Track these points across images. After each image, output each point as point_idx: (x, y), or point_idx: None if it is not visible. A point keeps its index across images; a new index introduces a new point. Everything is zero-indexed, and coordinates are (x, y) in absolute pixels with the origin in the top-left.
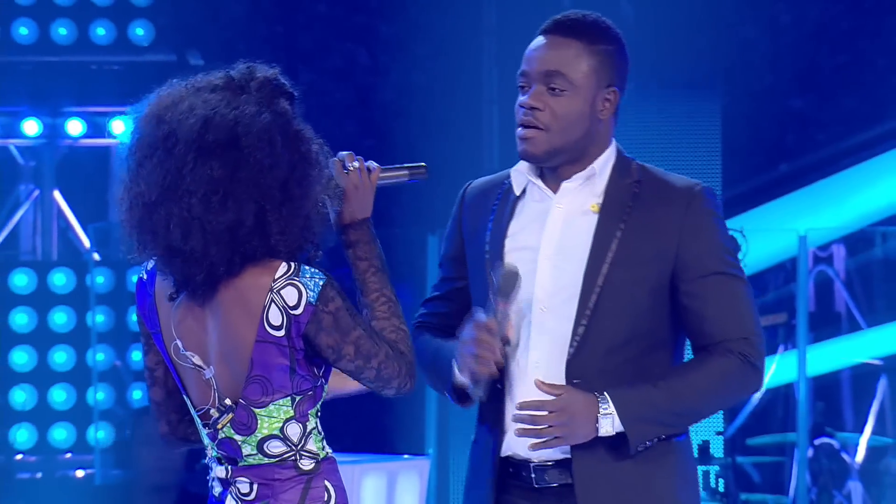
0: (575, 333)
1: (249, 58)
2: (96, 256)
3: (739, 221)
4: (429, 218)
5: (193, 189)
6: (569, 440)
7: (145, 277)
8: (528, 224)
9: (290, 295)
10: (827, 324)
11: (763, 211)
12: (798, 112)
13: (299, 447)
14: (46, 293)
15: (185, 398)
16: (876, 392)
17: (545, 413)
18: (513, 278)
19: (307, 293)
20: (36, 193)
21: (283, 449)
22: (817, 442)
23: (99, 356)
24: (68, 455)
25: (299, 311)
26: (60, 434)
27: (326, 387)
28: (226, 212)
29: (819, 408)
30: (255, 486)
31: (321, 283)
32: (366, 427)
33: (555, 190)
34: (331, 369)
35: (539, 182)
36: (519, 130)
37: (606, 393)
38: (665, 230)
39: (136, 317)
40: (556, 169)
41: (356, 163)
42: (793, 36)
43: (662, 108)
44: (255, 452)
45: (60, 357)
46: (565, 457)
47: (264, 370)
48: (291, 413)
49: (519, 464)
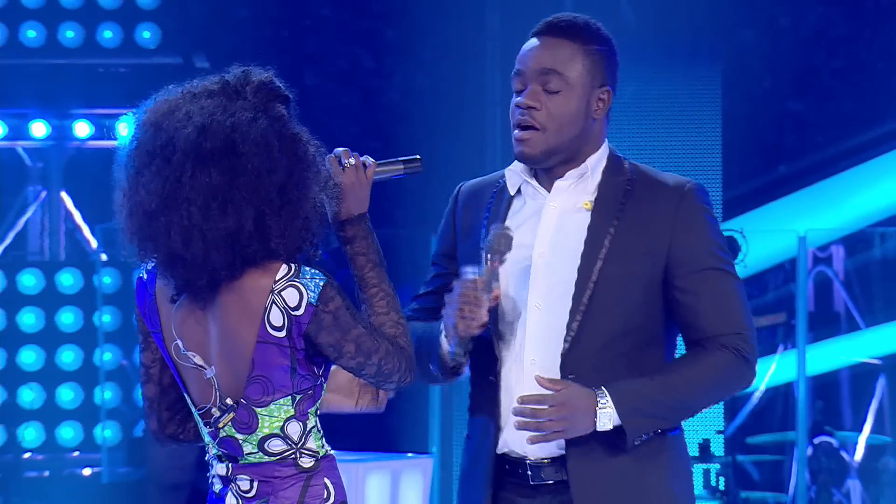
0: (569, 329)
1: (255, 61)
2: (103, 257)
3: (740, 222)
4: (432, 219)
5: (193, 197)
6: (567, 434)
7: (145, 277)
8: (523, 222)
9: (291, 296)
10: (826, 323)
11: (763, 212)
12: (797, 114)
13: (299, 445)
14: (54, 293)
15: (186, 397)
16: (874, 391)
17: (545, 407)
18: (506, 239)
19: (308, 294)
20: (44, 194)
21: (284, 447)
22: (816, 440)
23: (106, 356)
24: (75, 453)
25: (300, 312)
26: (68, 433)
27: (325, 392)
28: (226, 218)
29: (818, 407)
30: (256, 484)
31: (321, 284)
32: (370, 426)
33: (548, 189)
34: (330, 368)
35: (533, 181)
36: (515, 132)
37: (604, 387)
38: (658, 226)
39: (136, 314)
40: (551, 168)
41: (352, 159)
42: (792, 39)
43: (663, 110)
44: (256, 451)
45: (68, 356)
46: (561, 454)
47: (265, 370)
48: (292, 412)
49: (515, 461)
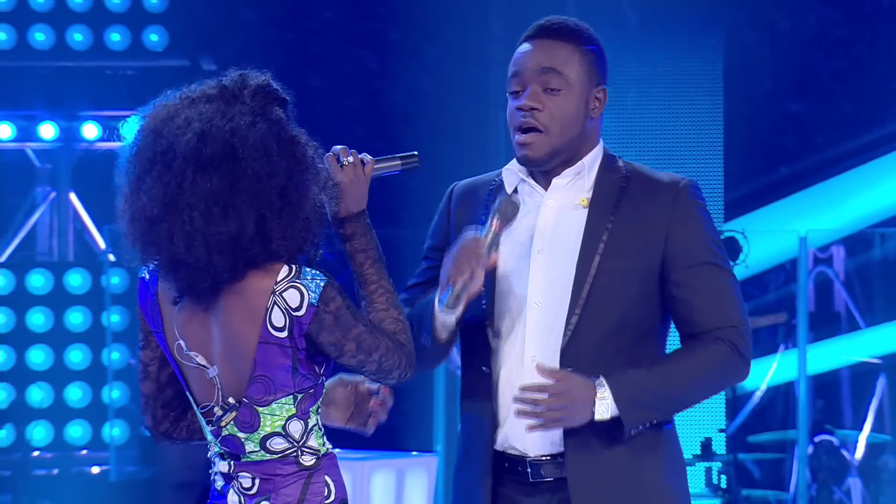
0: (568, 323)
1: (261, 63)
2: (111, 257)
3: (741, 223)
4: None
5: (194, 203)
6: (565, 423)
7: (147, 277)
8: (521, 219)
9: (293, 297)
10: (826, 323)
11: (764, 213)
12: (798, 116)
13: (301, 444)
14: (62, 293)
15: (189, 395)
16: (875, 390)
17: (546, 397)
18: (513, 206)
19: (309, 295)
20: (52, 196)
21: (285, 445)
22: (817, 439)
23: (114, 355)
24: (84, 452)
25: (301, 313)
26: (76, 431)
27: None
28: (227, 223)
29: (819, 406)
30: (257, 481)
31: (322, 285)
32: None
33: (545, 187)
34: (331, 366)
35: (530, 179)
36: (517, 136)
37: (603, 378)
38: (654, 222)
39: (138, 313)
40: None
41: (350, 157)
42: (792, 41)
43: (666, 112)
44: (258, 449)
45: (76, 356)
46: (561, 450)
47: (267, 370)
48: (293, 411)
49: (515, 458)
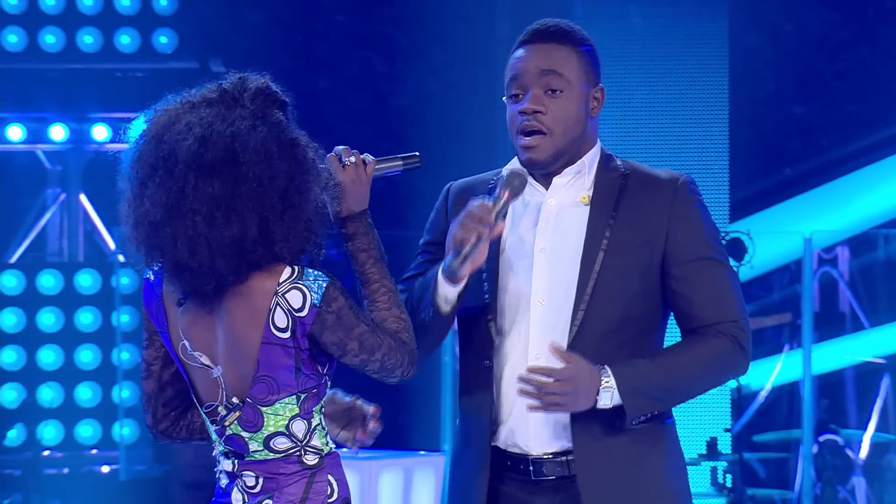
0: (574, 319)
1: (270, 65)
2: (121, 258)
3: (746, 224)
4: None
5: (197, 207)
6: (567, 408)
7: (152, 278)
8: (522, 219)
9: (295, 298)
10: (831, 323)
11: (769, 214)
12: (802, 118)
13: (304, 443)
14: (73, 294)
15: (193, 395)
16: (879, 390)
17: (551, 381)
18: (521, 179)
19: (311, 296)
20: (63, 197)
21: (289, 445)
22: (822, 438)
23: (124, 355)
24: (94, 451)
25: (304, 314)
26: (86, 431)
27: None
28: (230, 226)
29: (824, 405)
30: (261, 480)
31: (324, 285)
32: (382, 424)
33: (546, 186)
34: (335, 366)
35: (530, 179)
36: (520, 139)
37: (608, 367)
38: (654, 218)
39: (143, 313)
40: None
41: (352, 157)
42: (796, 44)
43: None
44: (262, 448)
45: (86, 356)
46: (564, 448)
47: (270, 370)
48: (297, 410)
49: (517, 457)
